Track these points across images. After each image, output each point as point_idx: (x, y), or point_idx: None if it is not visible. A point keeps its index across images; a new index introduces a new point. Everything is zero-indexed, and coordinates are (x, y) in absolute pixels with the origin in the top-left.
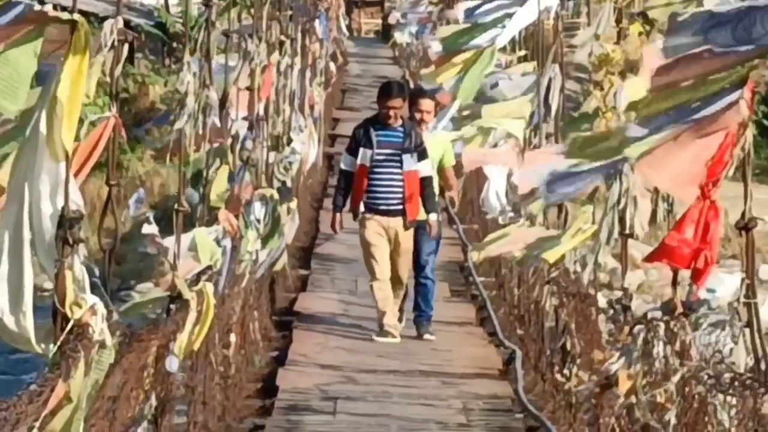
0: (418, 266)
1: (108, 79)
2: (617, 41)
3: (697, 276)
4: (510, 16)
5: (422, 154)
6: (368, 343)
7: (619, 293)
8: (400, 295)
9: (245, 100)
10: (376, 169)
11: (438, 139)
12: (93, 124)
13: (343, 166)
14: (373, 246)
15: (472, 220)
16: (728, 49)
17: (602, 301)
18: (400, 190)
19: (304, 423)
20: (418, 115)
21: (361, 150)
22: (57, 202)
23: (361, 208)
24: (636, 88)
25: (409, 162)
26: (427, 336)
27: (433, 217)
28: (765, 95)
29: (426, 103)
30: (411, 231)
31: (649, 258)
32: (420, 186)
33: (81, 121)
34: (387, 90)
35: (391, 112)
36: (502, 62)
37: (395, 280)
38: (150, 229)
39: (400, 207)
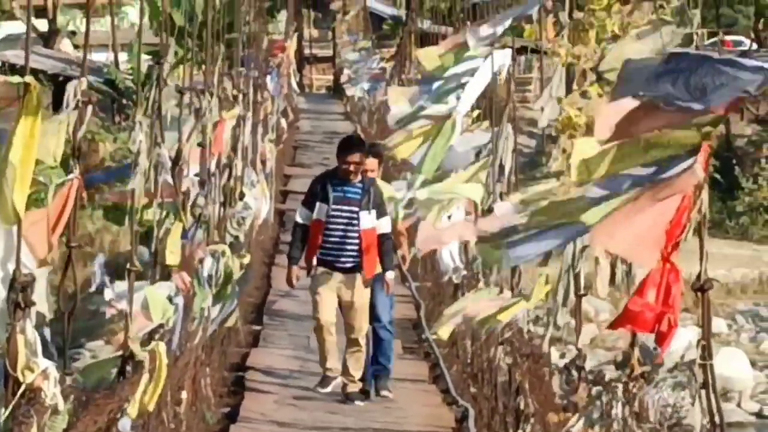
0: (376, 319)
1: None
2: (580, 107)
3: (661, 339)
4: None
5: (381, 211)
6: (321, 401)
7: (571, 347)
8: (358, 356)
9: (197, 156)
10: (331, 226)
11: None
12: (59, 186)
13: (298, 219)
14: (319, 294)
15: (425, 277)
16: (682, 104)
17: (555, 355)
18: (356, 247)
19: None
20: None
21: (318, 204)
22: (8, 266)
23: (314, 263)
24: (588, 146)
25: (367, 219)
26: (384, 393)
27: (390, 275)
28: (715, 149)
29: (369, 162)
30: (367, 289)
31: (614, 325)
32: (378, 243)
33: (45, 185)
34: (347, 144)
35: (351, 167)
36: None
37: (351, 340)
38: (110, 294)
39: (355, 264)
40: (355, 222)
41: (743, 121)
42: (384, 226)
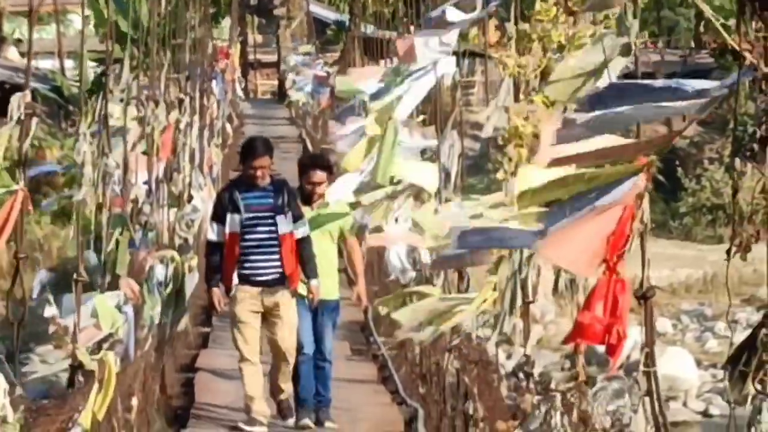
0: (317, 349)
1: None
2: (526, 117)
3: (611, 351)
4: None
5: (297, 215)
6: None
7: (518, 348)
8: (286, 373)
9: (144, 163)
10: (247, 236)
11: (337, 206)
12: (4, 195)
13: (211, 237)
14: (242, 324)
15: (372, 281)
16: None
17: (502, 356)
18: (277, 255)
19: None
20: (308, 188)
21: (229, 216)
22: None
23: (234, 280)
24: (532, 176)
25: (284, 223)
26: (328, 424)
27: (314, 282)
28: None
29: (318, 175)
30: (294, 302)
31: (566, 340)
32: (297, 248)
33: None
34: (251, 148)
35: (259, 172)
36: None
37: (279, 357)
38: (51, 311)
39: (279, 275)
40: (272, 228)
41: (685, 122)
42: (302, 229)
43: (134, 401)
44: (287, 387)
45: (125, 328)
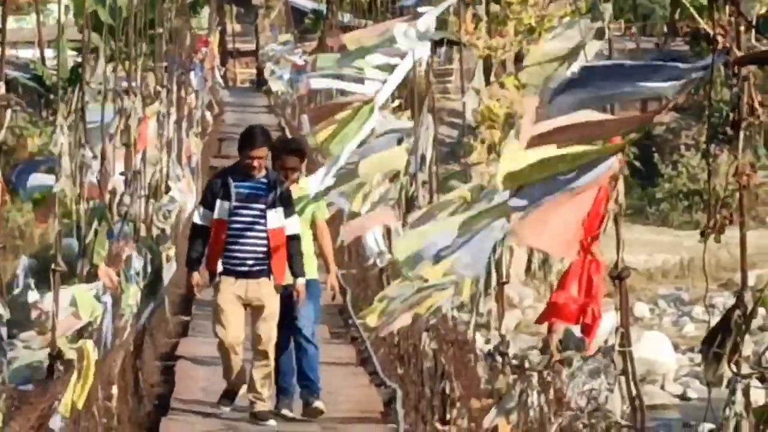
0: (298, 332)
1: None
2: (498, 99)
3: (587, 331)
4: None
5: (289, 209)
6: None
7: (495, 333)
8: (265, 368)
9: (122, 154)
10: (235, 225)
11: (307, 190)
12: None
13: (196, 220)
14: (224, 311)
15: (349, 264)
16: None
17: (480, 341)
18: (264, 249)
19: None
20: (281, 173)
21: (218, 202)
22: None
23: (219, 268)
24: (515, 159)
25: (274, 218)
26: (317, 404)
27: (300, 281)
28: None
29: (291, 160)
30: (277, 295)
31: (540, 319)
32: (287, 245)
33: None
34: (250, 138)
35: (255, 163)
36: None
37: (259, 352)
38: (33, 296)
39: (264, 268)
40: (261, 221)
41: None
42: (293, 226)
43: (114, 389)
44: (265, 393)
45: (104, 317)
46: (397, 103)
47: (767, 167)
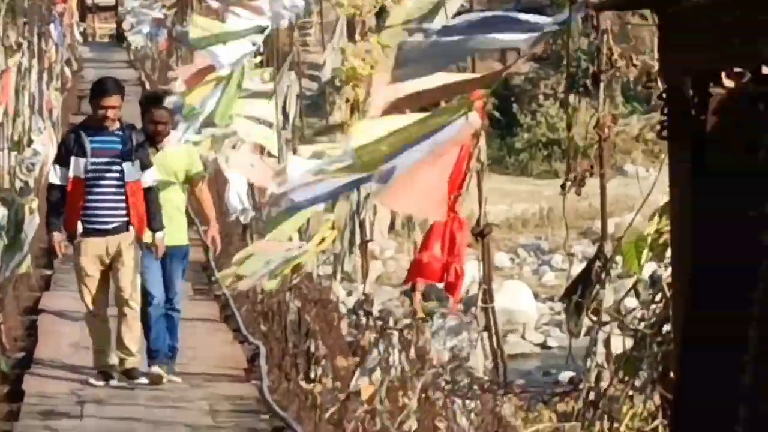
0: (166, 297)
1: None
2: (363, 58)
3: (450, 289)
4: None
5: (145, 162)
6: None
7: (358, 285)
8: (133, 324)
9: None
10: (92, 182)
11: (182, 148)
12: None
13: (53, 180)
14: (87, 277)
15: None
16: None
17: (343, 293)
18: (123, 204)
19: (51, 428)
20: (151, 127)
21: (73, 159)
22: None
23: (79, 228)
24: (364, 133)
25: (131, 171)
26: (172, 377)
27: (159, 235)
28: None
29: (160, 114)
30: (135, 249)
31: (406, 279)
32: (144, 198)
33: None
34: (101, 88)
35: (109, 113)
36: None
37: (121, 302)
38: None
39: (124, 223)
40: (119, 175)
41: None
42: (149, 178)
43: None
44: (133, 347)
45: None
46: (258, 59)
47: (625, 115)
